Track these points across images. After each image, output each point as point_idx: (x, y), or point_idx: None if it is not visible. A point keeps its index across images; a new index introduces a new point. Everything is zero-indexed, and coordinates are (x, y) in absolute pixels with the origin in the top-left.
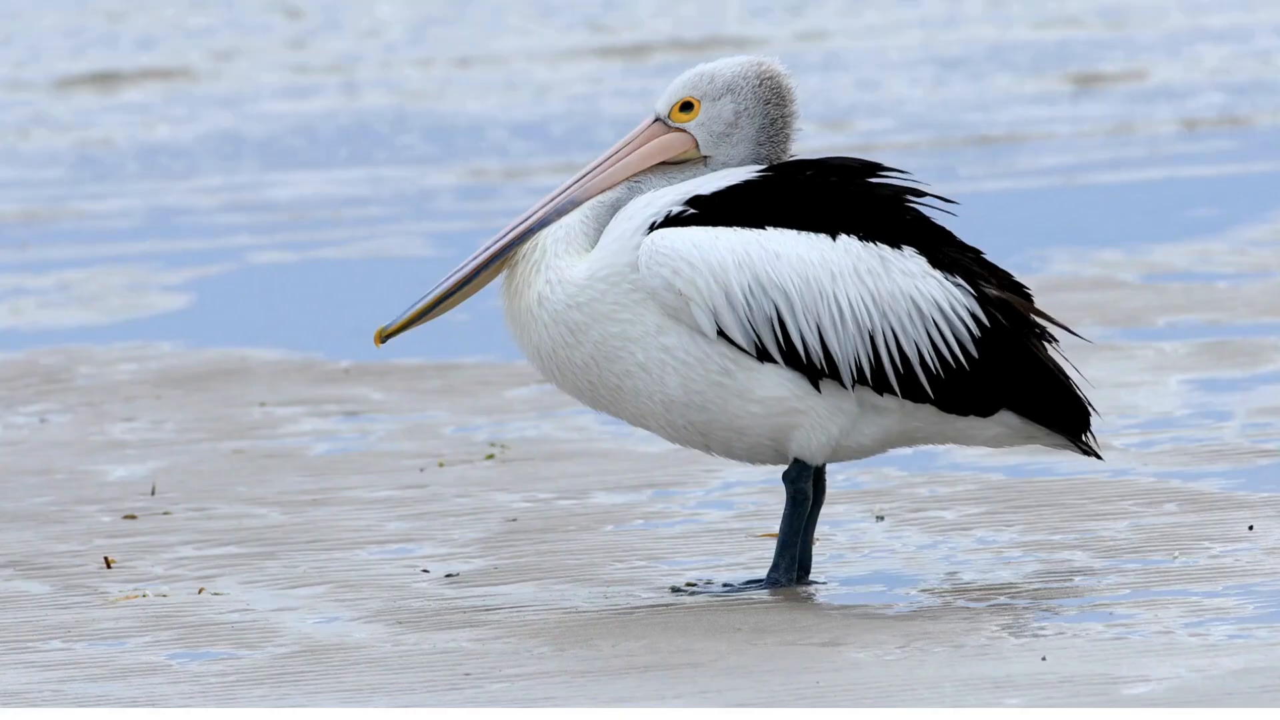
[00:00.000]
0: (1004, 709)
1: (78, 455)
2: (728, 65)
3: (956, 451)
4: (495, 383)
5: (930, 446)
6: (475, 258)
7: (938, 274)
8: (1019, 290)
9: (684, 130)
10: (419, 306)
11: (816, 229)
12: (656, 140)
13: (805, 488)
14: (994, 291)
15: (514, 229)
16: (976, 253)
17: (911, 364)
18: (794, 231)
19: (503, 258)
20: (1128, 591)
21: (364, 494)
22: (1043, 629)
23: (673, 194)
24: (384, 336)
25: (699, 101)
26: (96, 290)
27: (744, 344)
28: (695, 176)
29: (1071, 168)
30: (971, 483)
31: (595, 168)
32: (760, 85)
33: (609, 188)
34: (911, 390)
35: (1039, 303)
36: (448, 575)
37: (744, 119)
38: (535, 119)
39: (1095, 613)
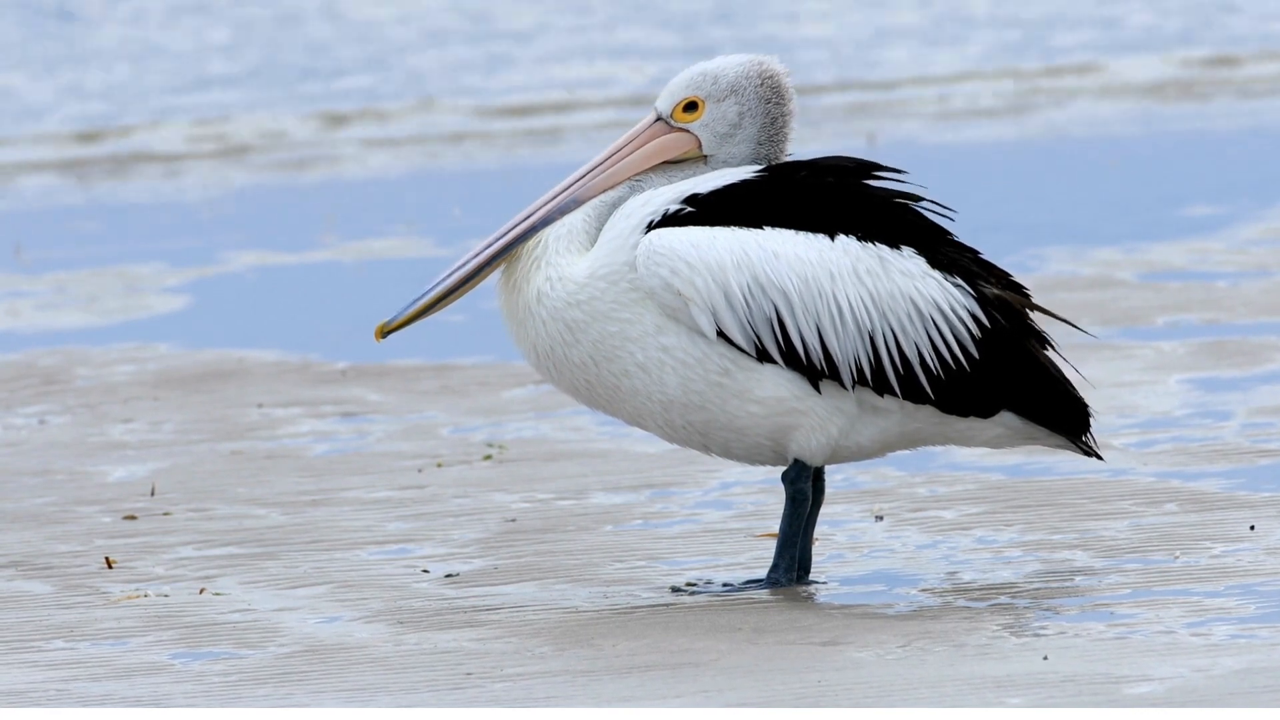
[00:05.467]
0: (1005, 709)
1: (77, 456)
2: (730, 65)
3: (956, 451)
4: (492, 383)
5: (930, 447)
6: (477, 254)
7: (937, 274)
8: (1018, 290)
9: (687, 130)
10: (421, 303)
11: (815, 229)
12: (659, 140)
13: (804, 488)
14: (993, 291)
15: (515, 227)
16: (974, 252)
17: (911, 365)
18: (792, 231)
19: (504, 255)
20: (1129, 591)
21: (363, 494)
22: (1044, 628)
23: (670, 193)
24: (385, 331)
25: (704, 102)
26: (94, 291)
27: (744, 344)
28: (694, 175)
29: None
30: (971, 482)
31: (597, 166)
32: (762, 85)
33: (611, 187)
34: (912, 391)
35: (1037, 302)
36: (448, 575)
37: (747, 119)
38: None
39: (1096, 612)
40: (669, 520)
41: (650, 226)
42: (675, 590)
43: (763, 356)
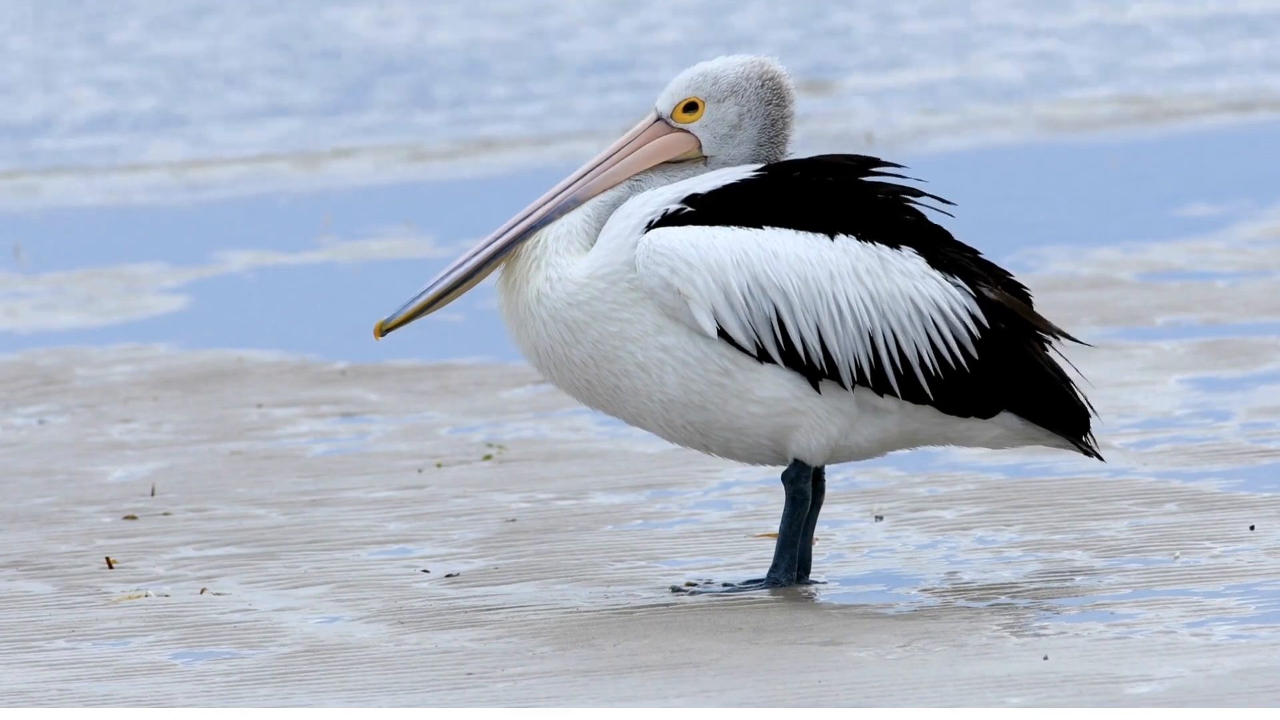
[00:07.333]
0: (1006, 709)
1: (77, 456)
2: (730, 66)
3: (955, 451)
4: (491, 383)
5: (929, 447)
6: (476, 254)
7: (937, 274)
8: (1018, 290)
9: (687, 131)
10: (420, 302)
11: (814, 228)
12: (659, 140)
13: (804, 488)
14: (993, 294)
15: (515, 226)
16: (974, 252)
17: (911, 365)
18: (791, 231)
19: (503, 255)
20: (1129, 591)
21: (363, 495)
22: (1044, 628)
23: (670, 193)
24: (384, 330)
25: (704, 103)
26: (92, 292)
27: (744, 344)
28: (694, 175)
29: None
30: (971, 482)
31: (596, 166)
32: (763, 86)
33: (611, 187)
34: (911, 391)
35: (1036, 302)
36: (448, 575)
37: (747, 120)
38: None
39: (1096, 612)
40: (669, 520)
41: (650, 226)
42: (675, 590)
43: (763, 356)
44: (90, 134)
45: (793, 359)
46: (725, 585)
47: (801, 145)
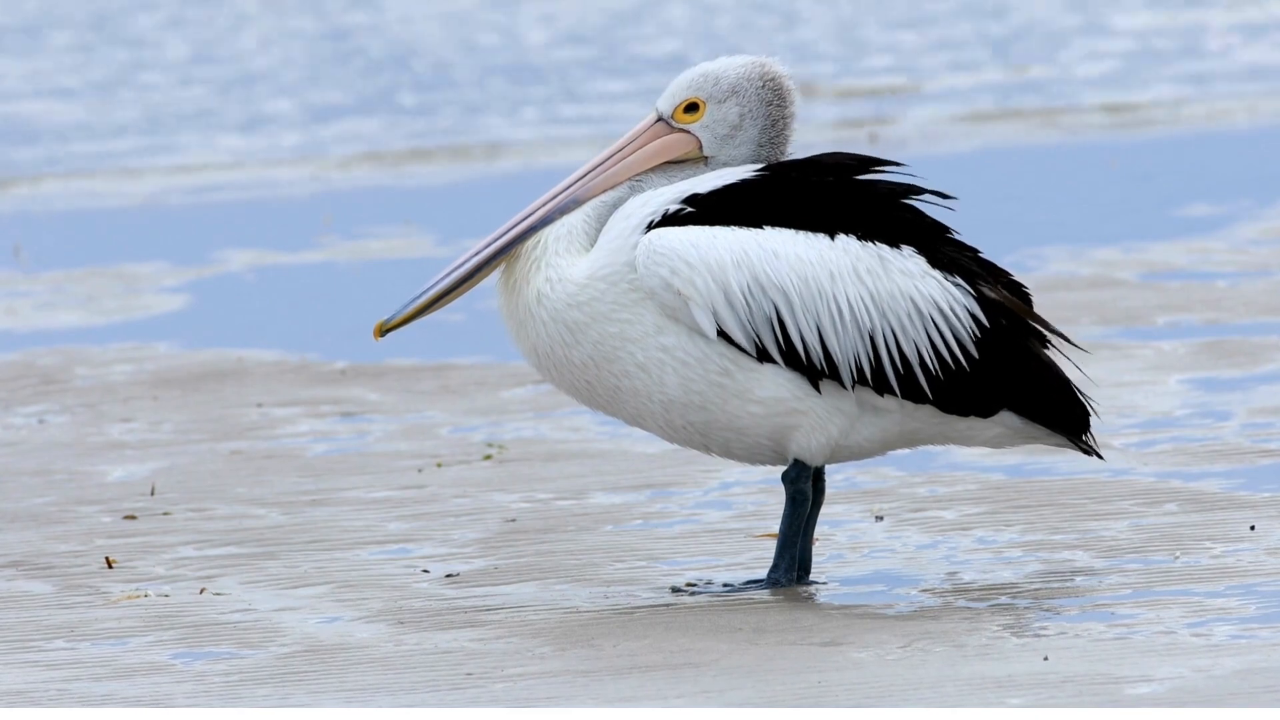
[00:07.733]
0: (1006, 709)
1: (77, 456)
2: (731, 66)
3: (956, 451)
4: (491, 383)
5: (930, 446)
6: (476, 254)
7: (937, 274)
8: (1018, 290)
9: (688, 131)
10: (419, 302)
11: (814, 228)
12: (660, 141)
13: (805, 488)
14: (993, 293)
15: (515, 226)
16: (974, 251)
17: (911, 364)
18: (791, 231)
19: (503, 255)
20: (1129, 591)
21: (363, 494)
22: (1044, 629)
23: (670, 193)
24: (384, 330)
25: (704, 103)
26: (92, 291)
27: (744, 344)
28: (694, 175)
29: None
30: (971, 483)
31: (597, 166)
32: (763, 87)
33: (611, 187)
34: (911, 391)
35: (1036, 302)
36: (448, 575)
37: (748, 121)
38: None
39: (1097, 612)
40: (669, 520)
41: (650, 226)
42: (675, 590)
43: (763, 356)
44: (91, 135)
45: (793, 359)
46: (725, 585)
47: (806, 147)
